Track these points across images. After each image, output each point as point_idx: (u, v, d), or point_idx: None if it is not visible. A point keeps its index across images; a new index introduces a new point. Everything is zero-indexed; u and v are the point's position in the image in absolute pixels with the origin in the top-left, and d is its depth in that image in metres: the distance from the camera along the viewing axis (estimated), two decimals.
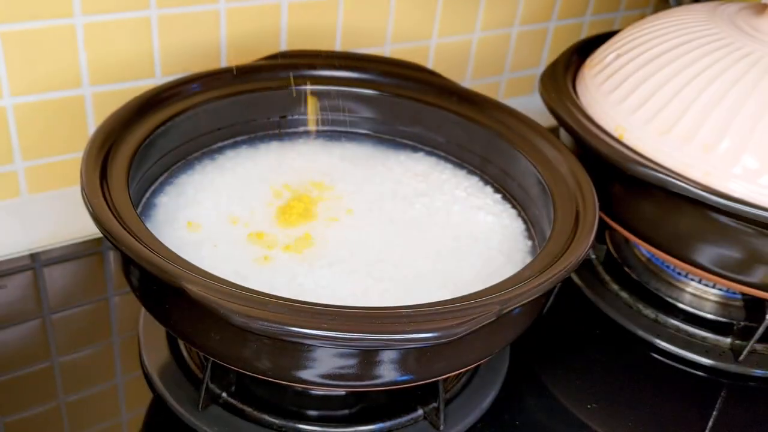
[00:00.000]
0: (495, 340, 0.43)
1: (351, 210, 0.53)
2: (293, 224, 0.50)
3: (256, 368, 0.40)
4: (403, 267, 0.48)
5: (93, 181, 0.43)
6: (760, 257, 0.52)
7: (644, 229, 0.56)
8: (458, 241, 0.51)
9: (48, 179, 0.64)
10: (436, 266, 0.49)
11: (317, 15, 0.70)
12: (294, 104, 0.60)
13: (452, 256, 0.50)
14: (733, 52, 0.55)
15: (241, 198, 0.53)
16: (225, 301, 0.36)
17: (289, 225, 0.50)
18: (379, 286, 0.46)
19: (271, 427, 0.47)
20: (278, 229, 0.50)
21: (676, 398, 0.54)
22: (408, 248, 0.50)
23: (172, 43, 0.63)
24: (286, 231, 0.50)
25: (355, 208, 0.53)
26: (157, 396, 0.48)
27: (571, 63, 0.66)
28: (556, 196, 0.50)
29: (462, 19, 0.80)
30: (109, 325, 0.55)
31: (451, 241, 0.51)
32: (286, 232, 0.50)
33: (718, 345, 0.59)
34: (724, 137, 0.52)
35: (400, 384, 0.41)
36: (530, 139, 0.55)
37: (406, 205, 0.54)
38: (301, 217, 0.51)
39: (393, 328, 0.36)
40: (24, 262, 0.58)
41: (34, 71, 0.59)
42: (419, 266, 0.48)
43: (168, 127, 0.52)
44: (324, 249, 0.49)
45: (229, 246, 0.48)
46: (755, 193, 0.51)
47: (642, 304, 0.61)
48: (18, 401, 0.48)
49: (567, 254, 0.43)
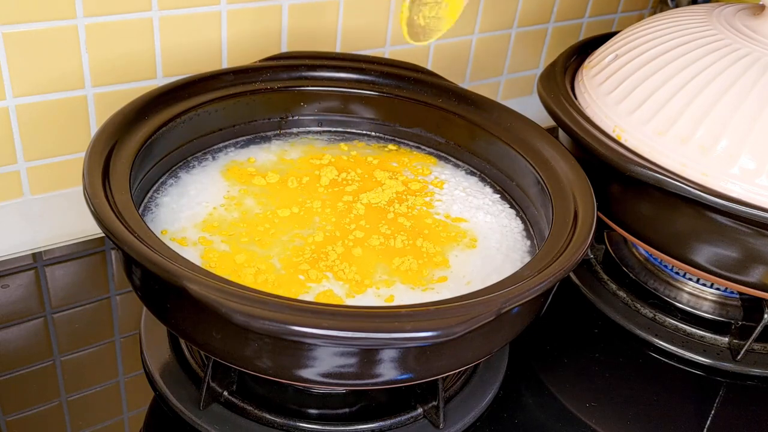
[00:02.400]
0: (494, 339, 0.44)
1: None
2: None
3: (257, 367, 0.40)
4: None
5: (95, 182, 0.44)
6: (758, 257, 0.52)
7: (642, 228, 0.57)
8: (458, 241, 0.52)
9: (50, 179, 0.64)
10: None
11: (318, 17, 0.70)
12: (294, 105, 0.60)
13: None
14: (731, 53, 0.55)
15: None
16: (226, 300, 0.36)
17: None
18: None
19: (272, 425, 0.47)
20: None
21: (674, 397, 0.55)
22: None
23: (173, 44, 0.64)
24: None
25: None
26: (158, 394, 0.49)
27: (569, 64, 0.66)
28: (554, 196, 0.51)
29: (461, 21, 0.80)
30: (111, 324, 0.55)
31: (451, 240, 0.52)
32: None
33: (716, 344, 0.59)
34: (722, 138, 0.52)
35: (400, 383, 0.42)
36: (529, 139, 0.56)
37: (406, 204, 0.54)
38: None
39: (393, 327, 0.37)
40: (26, 262, 0.59)
41: (37, 72, 0.59)
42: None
43: (170, 127, 0.52)
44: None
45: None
46: (752, 193, 0.51)
47: (640, 303, 0.61)
48: (20, 399, 0.48)
49: (565, 254, 0.44)
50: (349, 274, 0.47)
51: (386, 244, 0.50)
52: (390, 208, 0.53)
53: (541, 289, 0.41)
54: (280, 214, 0.51)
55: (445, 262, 0.49)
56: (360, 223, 0.51)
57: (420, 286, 0.47)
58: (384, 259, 0.48)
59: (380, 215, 0.53)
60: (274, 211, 0.52)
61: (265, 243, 0.49)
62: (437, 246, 0.50)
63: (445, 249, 0.50)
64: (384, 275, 0.47)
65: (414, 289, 0.47)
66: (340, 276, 0.46)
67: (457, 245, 0.51)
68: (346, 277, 0.46)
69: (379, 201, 0.54)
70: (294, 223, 0.51)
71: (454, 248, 0.50)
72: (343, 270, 0.47)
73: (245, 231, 0.49)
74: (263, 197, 0.53)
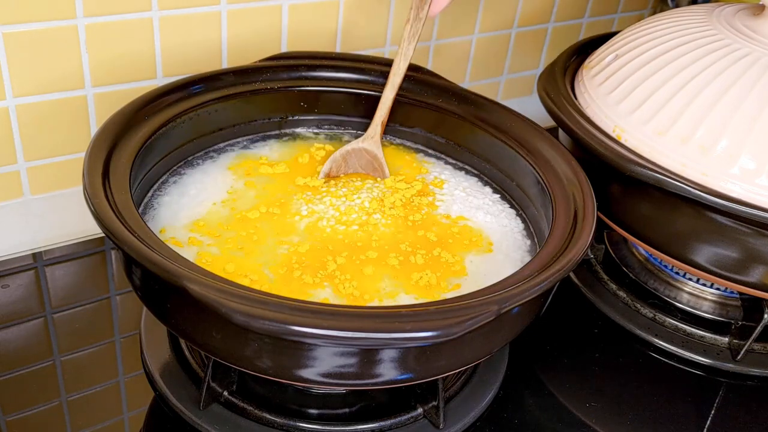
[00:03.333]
0: (494, 339, 0.44)
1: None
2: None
3: (257, 367, 0.40)
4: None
5: (95, 181, 0.44)
6: (758, 257, 0.52)
7: (642, 228, 0.57)
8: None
9: (50, 179, 0.64)
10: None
11: (318, 17, 0.70)
12: (295, 105, 0.60)
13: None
14: (731, 53, 0.55)
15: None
16: (226, 300, 0.36)
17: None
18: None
19: (272, 425, 0.47)
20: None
21: (674, 397, 0.55)
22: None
23: (173, 44, 0.64)
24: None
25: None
26: (158, 395, 0.49)
27: (569, 64, 0.66)
28: (554, 196, 0.51)
29: (461, 21, 0.80)
30: (111, 324, 0.55)
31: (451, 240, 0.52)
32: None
33: (716, 344, 0.59)
34: (722, 138, 0.52)
35: (400, 383, 0.42)
36: (529, 139, 0.56)
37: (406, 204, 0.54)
38: (302, 217, 0.52)
39: (393, 327, 0.37)
40: (26, 262, 0.59)
41: (37, 72, 0.59)
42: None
43: (170, 127, 0.52)
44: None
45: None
46: (752, 193, 0.51)
47: (640, 303, 0.61)
48: (20, 400, 0.48)
49: (565, 254, 0.44)
50: (349, 289, 0.46)
51: (385, 241, 0.50)
52: (390, 211, 0.53)
53: (541, 289, 0.41)
54: (279, 214, 0.51)
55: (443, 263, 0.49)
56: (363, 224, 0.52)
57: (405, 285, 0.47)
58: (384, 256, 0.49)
59: (379, 213, 0.53)
60: (275, 211, 0.52)
61: (266, 245, 0.49)
62: (444, 245, 0.50)
63: (453, 249, 0.50)
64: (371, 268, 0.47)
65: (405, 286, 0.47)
66: (339, 289, 0.46)
67: (465, 248, 0.51)
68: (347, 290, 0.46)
69: (381, 200, 0.54)
70: (294, 225, 0.51)
71: (470, 251, 0.51)
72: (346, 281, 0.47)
73: (246, 231, 0.50)
74: (263, 197, 0.53)
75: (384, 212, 0.53)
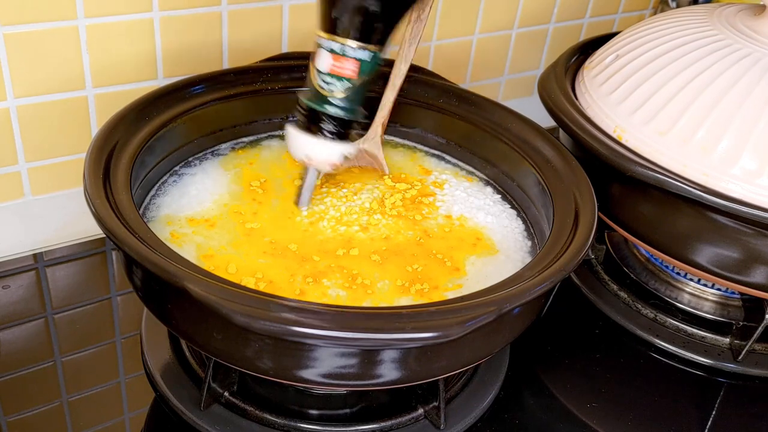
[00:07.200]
0: (495, 339, 0.44)
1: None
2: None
3: (258, 368, 0.40)
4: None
5: (96, 182, 0.44)
6: (759, 257, 0.52)
7: (643, 229, 0.57)
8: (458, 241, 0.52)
9: (51, 180, 0.64)
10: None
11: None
12: (295, 105, 0.60)
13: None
14: (732, 53, 0.55)
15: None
16: (227, 300, 0.36)
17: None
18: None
19: (273, 426, 0.47)
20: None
21: (675, 397, 0.55)
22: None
23: (174, 44, 0.64)
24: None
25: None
26: (159, 395, 0.49)
27: (570, 64, 0.66)
28: (555, 196, 0.51)
29: (461, 21, 0.80)
30: (112, 324, 0.55)
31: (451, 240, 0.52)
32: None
33: (717, 344, 0.59)
34: (723, 138, 0.52)
35: (401, 383, 0.42)
36: (530, 140, 0.56)
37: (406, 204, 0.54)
38: (303, 218, 0.52)
39: (393, 328, 0.37)
40: (27, 262, 0.59)
41: (38, 73, 0.59)
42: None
43: (170, 128, 0.52)
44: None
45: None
46: (753, 193, 0.51)
47: (641, 303, 0.61)
48: (21, 400, 0.48)
49: (566, 254, 0.44)
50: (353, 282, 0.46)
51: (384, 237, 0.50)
52: (391, 212, 0.53)
53: (542, 289, 0.41)
54: (280, 214, 0.51)
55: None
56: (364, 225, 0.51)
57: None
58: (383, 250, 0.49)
59: (380, 214, 0.53)
60: (275, 212, 0.52)
61: (266, 245, 0.49)
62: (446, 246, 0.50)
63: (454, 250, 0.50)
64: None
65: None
66: (340, 290, 0.46)
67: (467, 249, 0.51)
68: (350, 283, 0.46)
69: (381, 200, 0.54)
70: (294, 225, 0.51)
71: (470, 252, 0.51)
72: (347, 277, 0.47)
73: (246, 231, 0.49)
74: (264, 198, 0.53)
75: (385, 213, 0.53)
